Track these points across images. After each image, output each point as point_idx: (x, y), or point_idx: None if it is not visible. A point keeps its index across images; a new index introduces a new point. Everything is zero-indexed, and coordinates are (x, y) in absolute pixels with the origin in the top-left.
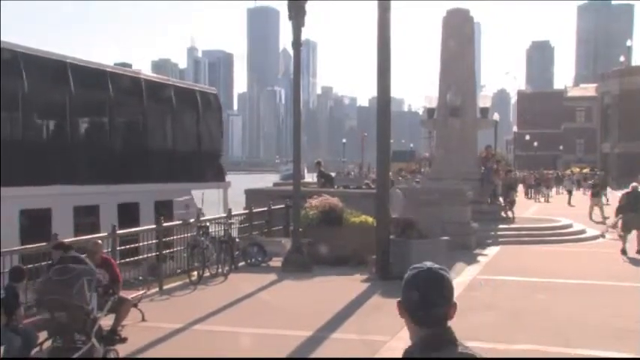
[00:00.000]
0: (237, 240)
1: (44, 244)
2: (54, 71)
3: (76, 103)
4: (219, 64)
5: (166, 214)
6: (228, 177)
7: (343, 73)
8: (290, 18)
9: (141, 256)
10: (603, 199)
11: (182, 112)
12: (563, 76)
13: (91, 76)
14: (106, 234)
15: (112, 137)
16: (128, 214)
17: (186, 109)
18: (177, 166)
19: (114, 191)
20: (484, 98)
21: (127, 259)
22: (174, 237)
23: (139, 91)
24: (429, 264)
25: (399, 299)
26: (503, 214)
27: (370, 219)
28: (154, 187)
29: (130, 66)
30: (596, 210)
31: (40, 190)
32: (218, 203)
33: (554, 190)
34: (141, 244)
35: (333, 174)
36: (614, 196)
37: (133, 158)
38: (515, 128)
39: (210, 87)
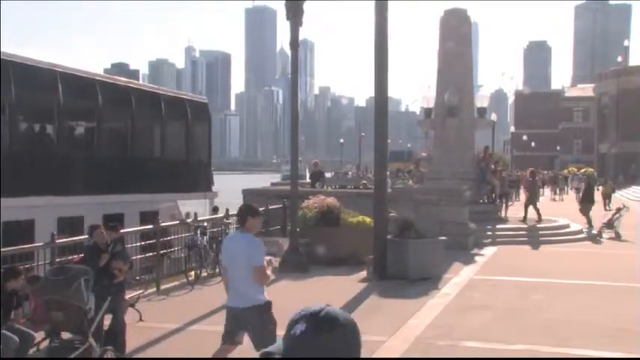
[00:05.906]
0: None
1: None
2: (43, 79)
3: (63, 112)
4: (217, 64)
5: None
6: (226, 177)
7: (341, 73)
8: (287, 18)
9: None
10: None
11: (171, 121)
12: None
13: (80, 85)
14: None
15: (98, 147)
16: None
17: (174, 118)
18: (164, 176)
19: (99, 202)
20: (481, 98)
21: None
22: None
23: (127, 100)
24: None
25: None
26: (500, 214)
27: (368, 219)
28: (139, 197)
29: (127, 66)
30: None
31: (22, 201)
32: (204, 211)
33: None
34: None
35: (328, 174)
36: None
37: (119, 168)
38: (512, 128)
39: (201, 96)
